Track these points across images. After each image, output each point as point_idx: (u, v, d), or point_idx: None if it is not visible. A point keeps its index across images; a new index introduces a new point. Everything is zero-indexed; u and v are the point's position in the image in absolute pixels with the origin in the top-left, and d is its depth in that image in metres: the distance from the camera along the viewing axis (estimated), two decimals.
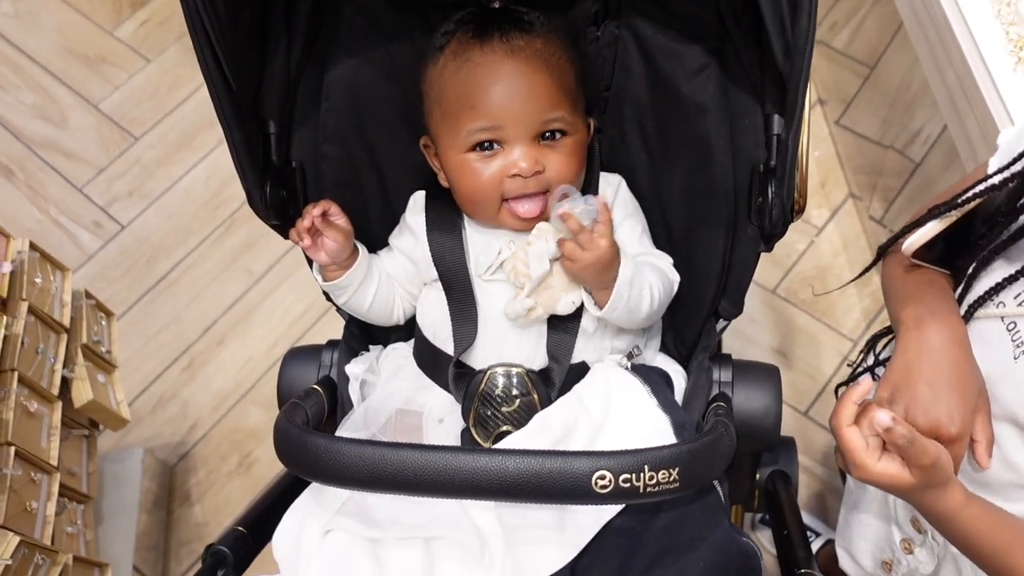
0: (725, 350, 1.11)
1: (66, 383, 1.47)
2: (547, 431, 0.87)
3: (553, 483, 0.68)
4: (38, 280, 1.44)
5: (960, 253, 0.87)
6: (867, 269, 0.99)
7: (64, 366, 1.46)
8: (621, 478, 0.68)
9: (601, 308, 0.93)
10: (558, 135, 0.96)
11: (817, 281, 1.96)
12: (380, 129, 1.04)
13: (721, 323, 1.04)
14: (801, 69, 0.75)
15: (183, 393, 2.03)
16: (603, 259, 0.90)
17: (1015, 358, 0.79)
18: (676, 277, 1.01)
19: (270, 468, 1.91)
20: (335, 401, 1.04)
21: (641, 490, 0.68)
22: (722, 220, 0.97)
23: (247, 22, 0.87)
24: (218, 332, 2.10)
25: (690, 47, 0.94)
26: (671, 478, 0.69)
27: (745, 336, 1.91)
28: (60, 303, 1.50)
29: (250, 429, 1.98)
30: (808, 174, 0.89)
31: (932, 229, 0.86)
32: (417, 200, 1.05)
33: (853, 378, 1.02)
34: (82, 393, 1.46)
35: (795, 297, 1.95)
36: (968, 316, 0.84)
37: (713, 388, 0.99)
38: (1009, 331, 0.80)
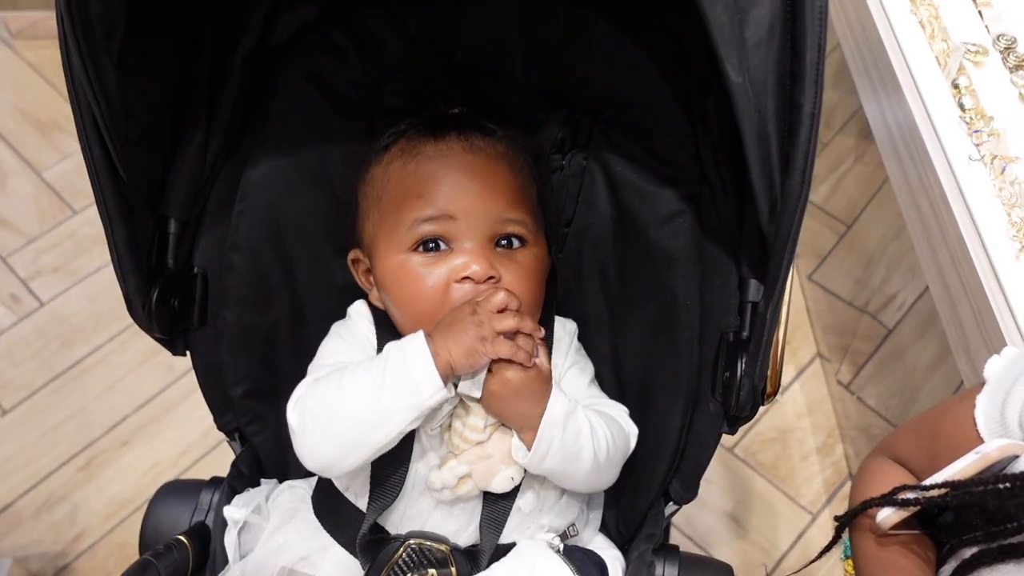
0: None
1: None
2: None
3: None
4: None
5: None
6: (827, 548, 0.82)
7: None
8: None
9: (524, 460, 0.78)
10: (516, 242, 0.83)
11: (778, 444, 1.83)
12: (300, 242, 0.91)
13: (671, 507, 0.89)
14: (788, 234, 0.63)
15: (74, 496, 1.82)
16: (532, 382, 0.76)
17: None
18: (634, 428, 0.86)
19: None
20: (204, 555, 0.86)
21: None
22: (682, 390, 0.84)
23: (155, 106, 0.75)
24: (125, 431, 1.91)
25: (663, 190, 0.83)
26: None
27: (698, 498, 1.75)
28: None
29: None
30: (783, 354, 0.77)
31: (901, 514, 0.72)
32: (361, 312, 0.89)
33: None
34: None
35: (753, 459, 1.81)
36: None
37: None
38: None
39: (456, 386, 0.78)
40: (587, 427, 0.81)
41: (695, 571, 0.86)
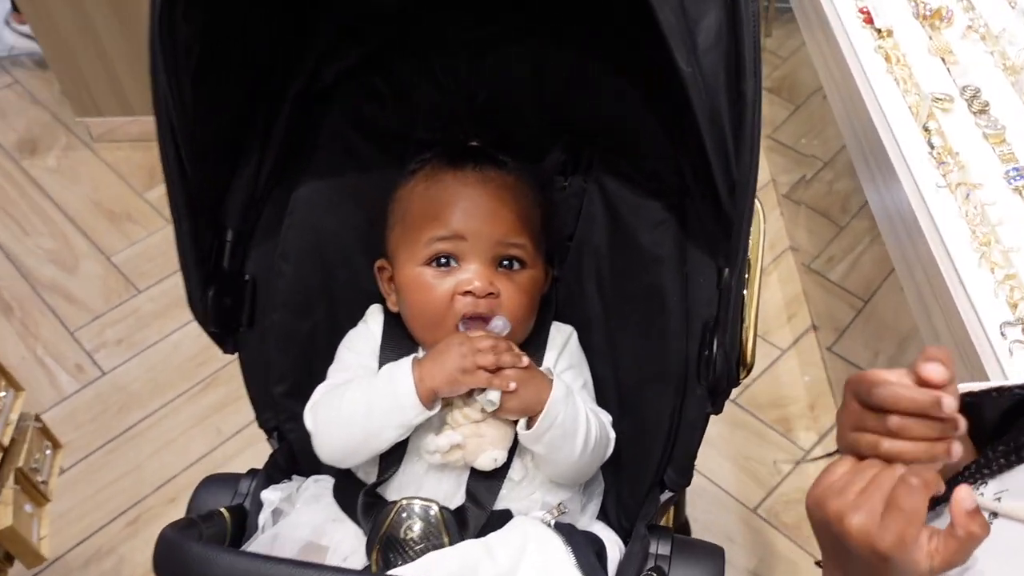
0: None
1: None
2: (437, 572, 0.79)
3: None
4: None
5: None
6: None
7: None
8: None
9: (530, 427, 0.88)
10: (516, 264, 0.95)
11: (801, 504, 1.85)
12: (337, 254, 1.04)
13: (667, 494, 0.97)
14: (744, 208, 0.75)
15: (121, 549, 1.90)
16: (530, 380, 0.88)
17: None
18: (613, 435, 0.96)
19: None
20: (242, 529, 0.96)
21: None
22: (672, 378, 0.93)
23: (221, 126, 0.90)
24: (173, 489, 2.00)
25: (651, 201, 0.95)
26: None
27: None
28: (4, 420, 1.45)
29: None
30: (756, 326, 0.86)
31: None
32: (375, 315, 1.02)
33: None
34: (1, 518, 1.38)
35: (777, 520, 1.84)
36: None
37: (648, 561, 0.90)
38: None
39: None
40: (584, 410, 0.91)
41: (688, 550, 0.92)
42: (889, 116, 1.20)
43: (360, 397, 0.90)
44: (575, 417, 0.90)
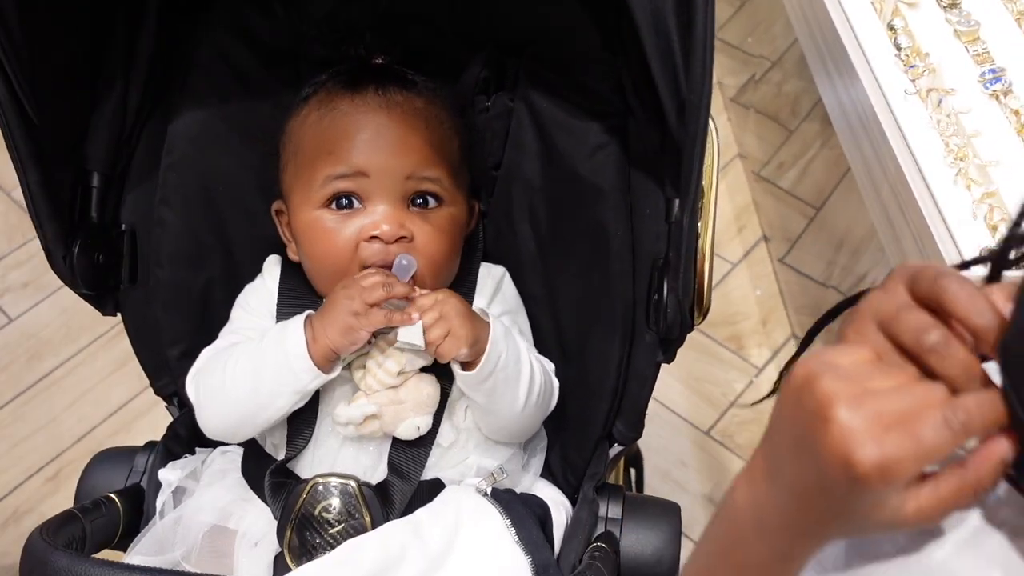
0: (649, 493, 0.94)
1: None
2: (354, 564, 0.68)
3: None
4: None
5: None
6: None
7: None
8: None
9: (471, 370, 0.77)
10: (431, 201, 0.83)
11: (755, 424, 1.81)
12: (231, 197, 0.90)
13: (616, 448, 0.87)
14: (696, 131, 0.63)
15: (42, 507, 1.79)
16: (462, 311, 0.77)
17: None
18: (557, 384, 0.86)
19: None
20: (139, 514, 0.84)
21: None
22: (618, 324, 0.82)
23: (66, 49, 0.75)
24: (95, 440, 1.88)
25: (589, 123, 0.83)
26: None
27: (673, 480, 1.73)
28: None
29: (114, 556, 1.73)
30: (712, 266, 0.75)
31: None
32: (271, 268, 0.89)
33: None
34: None
35: (731, 441, 1.79)
36: None
37: (598, 525, 0.81)
38: None
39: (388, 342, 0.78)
40: (526, 352, 0.81)
41: (641, 510, 0.83)
42: (850, 13, 1.07)
43: (246, 362, 0.79)
44: (517, 359, 0.80)
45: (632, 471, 1.29)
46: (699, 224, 0.73)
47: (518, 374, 0.80)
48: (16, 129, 0.71)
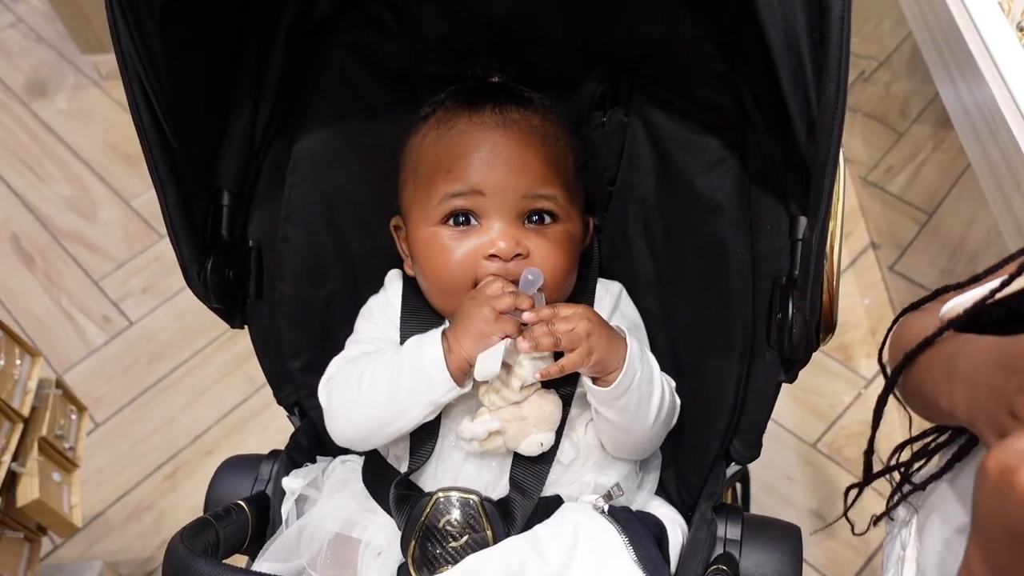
0: (755, 509, 0.92)
1: (14, 478, 1.33)
2: None
3: None
4: (0, 362, 1.33)
5: None
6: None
7: (15, 459, 1.33)
8: None
9: (608, 387, 0.77)
10: (547, 218, 0.83)
11: (862, 437, 1.75)
12: (351, 213, 0.92)
13: (733, 467, 0.86)
14: (828, 152, 0.61)
15: (161, 504, 1.87)
16: (599, 328, 0.76)
17: None
18: (679, 402, 0.85)
19: None
20: (265, 522, 0.87)
21: None
22: (737, 342, 0.81)
23: (202, 75, 0.78)
24: (209, 441, 1.96)
25: (707, 138, 0.82)
26: None
27: (779, 494, 1.69)
28: (23, 390, 1.38)
29: (240, 562, 1.80)
30: (838, 286, 0.73)
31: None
32: (393, 281, 0.91)
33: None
34: (27, 491, 1.32)
35: (838, 454, 1.74)
36: None
37: (717, 547, 0.80)
38: None
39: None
40: (657, 370, 0.81)
41: (760, 531, 0.82)
42: (975, 14, 1.03)
43: (382, 371, 0.80)
44: (651, 378, 0.80)
45: (738, 485, 1.26)
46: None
47: (651, 392, 0.80)
48: (157, 152, 0.74)
